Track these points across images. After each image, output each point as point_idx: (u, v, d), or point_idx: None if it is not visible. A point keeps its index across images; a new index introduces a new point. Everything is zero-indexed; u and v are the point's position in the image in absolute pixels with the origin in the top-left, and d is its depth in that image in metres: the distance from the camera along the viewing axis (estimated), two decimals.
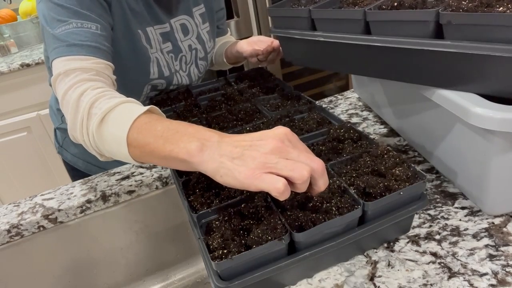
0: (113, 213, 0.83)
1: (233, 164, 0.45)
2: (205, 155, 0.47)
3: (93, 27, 0.70)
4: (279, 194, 0.43)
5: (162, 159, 0.52)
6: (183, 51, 0.94)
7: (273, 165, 0.44)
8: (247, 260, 0.47)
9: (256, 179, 0.43)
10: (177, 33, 0.92)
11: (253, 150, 0.45)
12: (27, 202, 0.83)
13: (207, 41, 0.99)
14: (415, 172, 0.55)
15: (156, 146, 0.51)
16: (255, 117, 0.79)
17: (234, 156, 0.45)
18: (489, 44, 0.51)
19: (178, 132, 0.50)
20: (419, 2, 0.62)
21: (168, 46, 0.91)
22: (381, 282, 0.53)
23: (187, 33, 0.94)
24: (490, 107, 0.51)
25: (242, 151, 0.45)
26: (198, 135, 0.49)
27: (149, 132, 0.53)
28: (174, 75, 0.93)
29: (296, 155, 0.45)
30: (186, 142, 0.48)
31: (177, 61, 0.94)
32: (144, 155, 0.54)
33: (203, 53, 0.99)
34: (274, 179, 0.43)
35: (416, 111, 0.72)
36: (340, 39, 0.69)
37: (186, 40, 0.94)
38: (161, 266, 0.91)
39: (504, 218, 0.59)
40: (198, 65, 0.99)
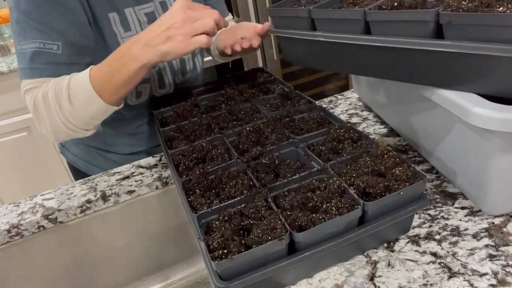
0: (113, 213, 0.83)
1: (167, 46, 0.66)
2: (145, 54, 0.66)
3: (55, 47, 0.73)
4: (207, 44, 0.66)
5: (127, 83, 0.69)
6: None
7: (192, 30, 0.65)
8: (247, 260, 0.47)
9: (190, 44, 0.66)
10: (158, 12, 0.90)
11: (172, 30, 0.65)
12: (27, 202, 0.83)
13: None
14: (415, 172, 0.55)
15: (116, 78, 0.68)
16: (255, 117, 0.79)
17: (162, 40, 0.66)
18: (489, 44, 0.51)
19: (119, 56, 0.68)
20: (419, 2, 0.62)
21: None
22: (381, 282, 0.53)
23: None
24: (490, 107, 0.51)
25: (166, 35, 0.65)
26: (128, 47, 0.68)
27: (103, 73, 0.69)
28: None
29: (199, 15, 0.66)
30: (127, 58, 0.67)
31: None
32: (114, 92, 0.69)
33: None
34: (199, 38, 0.65)
35: (416, 111, 0.72)
36: (340, 39, 0.69)
37: None
38: (161, 266, 0.91)
39: (504, 218, 0.59)
40: None
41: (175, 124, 0.80)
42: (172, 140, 0.76)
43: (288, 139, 0.68)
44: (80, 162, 1.05)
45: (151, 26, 0.68)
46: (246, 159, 0.64)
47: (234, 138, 0.72)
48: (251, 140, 0.69)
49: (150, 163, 0.90)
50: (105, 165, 1.01)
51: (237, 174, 0.62)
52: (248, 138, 0.70)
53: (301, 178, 0.58)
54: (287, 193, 0.56)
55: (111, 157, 1.02)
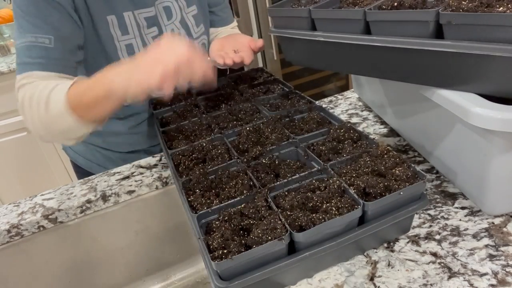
0: (113, 213, 0.83)
1: (134, 75, 0.62)
2: (118, 81, 0.63)
3: (46, 41, 0.72)
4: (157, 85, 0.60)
5: (98, 105, 0.66)
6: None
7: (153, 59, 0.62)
8: (247, 260, 0.47)
9: (148, 79, 0.60)
10: (161, 16, 0.89)
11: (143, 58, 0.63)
12: (27, 202, 0.83)
13: (192, 26, 0.94)
14: (415, 172, 0.55)
15: (88, 96, 0.65)
16: (255, 117, 0.79)
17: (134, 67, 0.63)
18: (489, 44, 0.51)
19: (99, 78, 0.65)
20: (419, 2, 0.62)
21: (154, 31, 0.88)
22: (381, 282, 0.53)
23: (171, 16, 0.90)
24: (490, 107, 0.51)
25: (138, 63, 0.62)
26: (109, 71, 0.64)
27: (79, 91, 0.67)
28: None
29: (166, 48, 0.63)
30: (102, 81, 0.64)
31: None
32: (85, 112, 0.66)
33: (187, 38, 0.93)
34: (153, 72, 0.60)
35: (416, 111, 0.72)
36: (340, 39, 0.69)
37: (169, 25, 0.90)
38: (161, 266, 0.91)
39: (504, 218, 0.59)
40: None
41: (175, 124, 0.80)
42: (172, 140, 0.76)
43: (288, 139, 0.68)
44: (80, 158, 1.05)
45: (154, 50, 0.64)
46: (246, 159, 0.64)
47: (234, 138, 0.72)
48: (251, 140, 0.69)
49: (150, 163, 0.90)
50: (104, 162, 1.01)
51: (237, 174, 0.62)
52: (248, 138, 0.70)
53: (301, 178, 0.58)
54: (287, 193, 0.56)
55: (110, 155, 1.02)
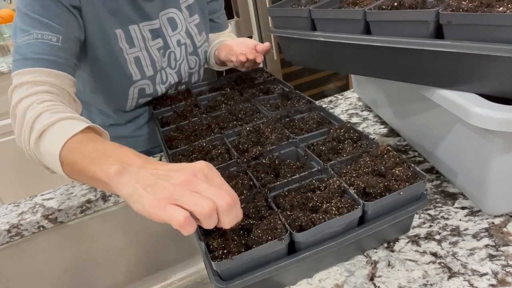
0: (113, 213, 0.83)
1: (145, 192, 0.44)
2: (122, 180, 0.47)
3: (54, 38, 0.70)
4: (180, 227, 0.42)
5: (89, 179, 0.53)
6: (171, 47, 0.91)
7: (179, 197, 0.43)
8: (247, 260, 0.47)
9: (160, 210, 0.43)
10: (165, 28, 0.89)
11: (165, 180, 0.45)
12: (27, 202, 0.83)
13: (195, 35, 0.95)
14: (415, 172, 0.55)
15: (83, 166, 0.52)
16: (255, 117, 0.79)
17: (148, 183, 0.45)
18: (489, 44, 0.51)
19: (105, 154, 0.51)
20: (419, 2, 0.62)
21: (158, 43, 0.88)
22: (381, 282, 0.53)
23: (176, 27, 0.90)
24: (490, 107, 0.51)
25: (156, 180, 0.45)
26: (122, 158, 0.49)
27: (79, 152, 0.54)
28: (158, 73, 0.90)
29: (203, 189, 0.43)
30: (108, 165, 0.48)
31: (165, 57, 0.91)
32: (74, 174, 0.56)
33: (192, 48, 0.95)
34: (176, 211, 0.42)
35: (416, 111, 0.72)
36: (340, 39, 0.69)
37: (175, 35, 0.91)
38: (161, 266, 0.91)
39: (504, 218, 0.59)
40: (188, 61, 0.96)
41: (175, 124, 0.80)
42: (172, 140, 0.76)
43: (288, 139, 0.68)
44: None
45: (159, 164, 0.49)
46: (246, 159, 0.64)
47: (234, 138, 0.72)
48: (251, 140, 0.69)
49: None
50: None
51: (237, 174, 0.62)
52: (248, 138, 0.70)
53: (301, 178, 0.58)
54: (287, 193, 0.56)
55: None
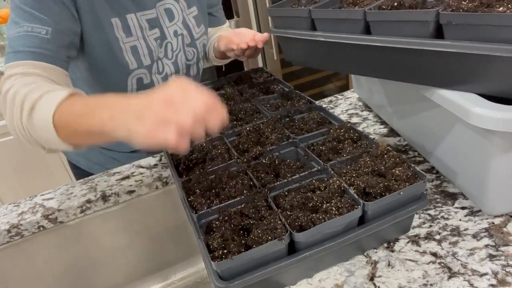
0: (113, 213, 0.83)
1: (138, 126, 0.46)
2: (116, 122, 0.48)
3: (43, 31, 0.70)
4: (174, 145, 0.44)
5: (85, 135, 0.55)
6: (168, 37, 0.90)
7: (165, 119, 0.45)
8: (247, 260, 0.47)
9: (153, 138, 0.45)
10: (162, 18, 0.89)
11: (150, 109, 0.46)
12: (27, 202, 0.83)
13: (193, 26, 0.95)
14: (415, 172, 0.55)
15: (77, 124, 0.53)
16: (255, 117, 0.79)
17: (138, 115, 0.47)
18: (489, 44, 0.51)
19: (94, 107, 0.53)
20: (419, 2, 0.62)
21: (155, 33, 0.88)
22: (381, 282, 0.53)
23: (172, 18, 0.90)
24: (490, 107, 0.51)
25: (143, 112, 0.47)
26: (110, 105, 0.50)
27: (70, 112, 0.55)
28: (155, 63, 0.89)
29: (182, 103, 0.46)
30: (99, 114, 0.50)
31: (162, 48, 0.90)
32: (69, 135, 0.57)
33: (189, 39, 0.95)
34: (167, 132, 0.44)
35: (416, 111, 0.72)
36: (340, 39, 0.69)
37: (172, 26, 0.91)
38: (161, 266, 0.91)
39: (504, 218, 0.59)
40: (185, 52, 0.95)
41: None
42: None
43: (288, 139, 0.68)
44: (82, 160, 1.05)
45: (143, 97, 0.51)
46: (246, 159, 0.64)
47: (234, 138, 0.72)
48: (251, 140, 0.69)
49: (150, 163, 0.90)
50: (106, 163, 1.01)
51: (237, 174, 0.62)
52: (248, 138, 0.70)
53: (301, 178, 0.58)
54: (287, 193, 0.56)
55: (112, 155, 1.02)
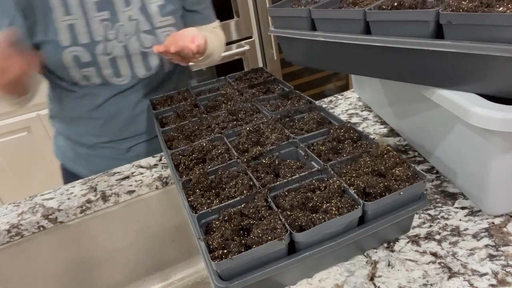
0: (113, 213, 0.83)
1: None
2: None
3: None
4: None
5: None
6: (120, 21, 0.91)
7: None
8: (247, 260, 0.47)
9: None
10: (117, 2, 0.91)
11: None
12: (27, 202, 0.83)
13: (156, 15, 0.94)
14: (415, 172, 0.55)
15: None
16: (255, 117, 0.79)
17: None
18: (489, 44, 0.51)
19: None
20: (419, 2, 0.62)
21: (103, 15, 0.90)
22: (381, 282, 0.53)
23: (129, 3, 0.92)
24: (490, 107, 0.51)
25: None
26: None
27: None
28: (100, 43, 0.91)
29: None
30: None
31: (113, 30, 0.91)
32: None
33: (148, 26, 0.94)
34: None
35: (416, 111, 0.72)
36: (340, 39, 0.69)
37: (127, 11, 0.92)
38: (161, 266, 0.91)
39: (504, 218, 0.59)
40: (140, 38, 0.94)
41: (175, 124, 0.80)
42: (172, 140, 0.76)
43: (288, 139, 0.68)
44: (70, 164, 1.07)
45: None
46: (246, 159, 0.64)
47: (234, 138, 0.72)
48: (251, 140, 0.69)
49: (150, 163, 0.90)
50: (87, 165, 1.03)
51: (237, 174, 0.62)
52: (248, 138, 0.70)
53: (301, 178, 0.58)
54: (287, 193, 0.56)
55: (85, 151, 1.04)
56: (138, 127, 1.02)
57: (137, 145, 1.04)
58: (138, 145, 1.04)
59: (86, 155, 1.03)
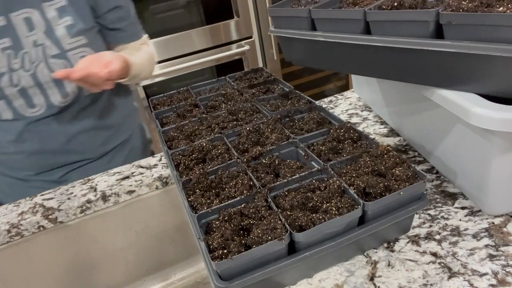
0: (113, 213, 0.83)
1: None
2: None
3: None
4: None
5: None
6: (25, 47, 0.85)
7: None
8: (247, 260, 0.47)
9: None
10: (19, 28, 0.83)
11: None
12: (27, 202, 0.83)
13: (64, 37, 0.87)
14: (415, 172, 0.55)
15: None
16: (255, 117, 0.79)
17: None
18: (489, 44, 0.51)
19: None
20: (419, 2, 0.62)
21: (4, 42, 0.83)
22: (381, 282, 0.53)
23: (32, 28, 0.84)
24: (490, 107, 0.51)
25: None
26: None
27: None
28: (6, 74, 0.85)
29: None
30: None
31: (18, 58, 0.85)
32: None
33: (56, 50, 0.87)
34: None
35: (416, 111, 0.72)
36: (340, 39, 0.69)
37: (31, 36, 0.85)
38: (161, 266, 0.91)
39: (504, 218, 0.59)
40: (49, 64, 0.88)
41: (175, 124, 0.80)
42: (172, 140, 0.76)
43: (288, 139, 0.68)
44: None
45: None
46: (246, 159, 0.64)
47: (234, 138, 0.72)
48: (251, 140, 0.69)
49: (150, 163, 0.90)
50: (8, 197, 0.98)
51: (237, 174, 0.62)
52: (248, 138, 0.70)
53: (301, 178, 0.58)
54: (287, 193, 0.56)
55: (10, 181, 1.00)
56: (70, 156, 0.97)
57: (70, 173, 0.99)
58: (71, 173, 0.99)
59: (17, 186, 0.99)
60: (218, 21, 1.90)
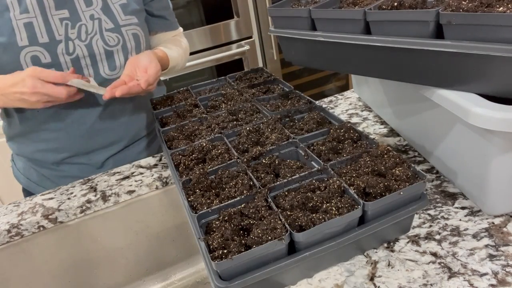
0: (113, 213, 0.83)
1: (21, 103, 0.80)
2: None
3: None
4: None
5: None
6: (82, 20, 0.89)
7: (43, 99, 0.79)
8: (247, 260, 0.47)
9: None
10: (77, 2, 0.88)
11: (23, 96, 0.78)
12: (27, 202, 0.83)
13: (119, 14, 0.92)
14: (415, 172, 0.55)
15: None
16: (255, 117, 0.79)
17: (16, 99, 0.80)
18: (489, 44, 0.51)
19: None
20: (419, 2, 0.62)
21: (63, 13, 0.87)
22: (381, 282, 0.53)
23: (90, 4, 0.90)
24: (490, 107, 0.51)
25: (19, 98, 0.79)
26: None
27: None
28: (62, 42, 0.87)
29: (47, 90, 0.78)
30: None
31: (75, 29, 0.88)
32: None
33: (111, 25, 0.92)
34: None
35: (416, 111, 0.72)
36: (340, 39, 0.69)
37: (89, 11, 0.90)
38: (161, 266, 0.91)
39: (504, 218, 0.59)
40: (104, 37, 0.91)
41: (175, 124, 0.80)
42: (172, 140, 0.76)
43: (288, 139, 0.68)
44: (21, 177, 1.04)
45: (6, 81, 0.79)
46: (246, 159, 0.64)
47: (234, 138, 0.72)
48: (251, 140, 0.69)
49: (150, 163, 0.90)
50: (45, 184, 0.99)
51: (237, 174, 0.62)
52: (248, 138, 0.70)
53: (301, 178, 0.58)
54: (287, 193, 0.56)
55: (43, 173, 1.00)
56: (109, 136, 0.97)
57: (111, 158, 0.99)
58: (112, 158, 0.99)
59: (51, 176, 0.98)
60: (218, 21, 1.90)
